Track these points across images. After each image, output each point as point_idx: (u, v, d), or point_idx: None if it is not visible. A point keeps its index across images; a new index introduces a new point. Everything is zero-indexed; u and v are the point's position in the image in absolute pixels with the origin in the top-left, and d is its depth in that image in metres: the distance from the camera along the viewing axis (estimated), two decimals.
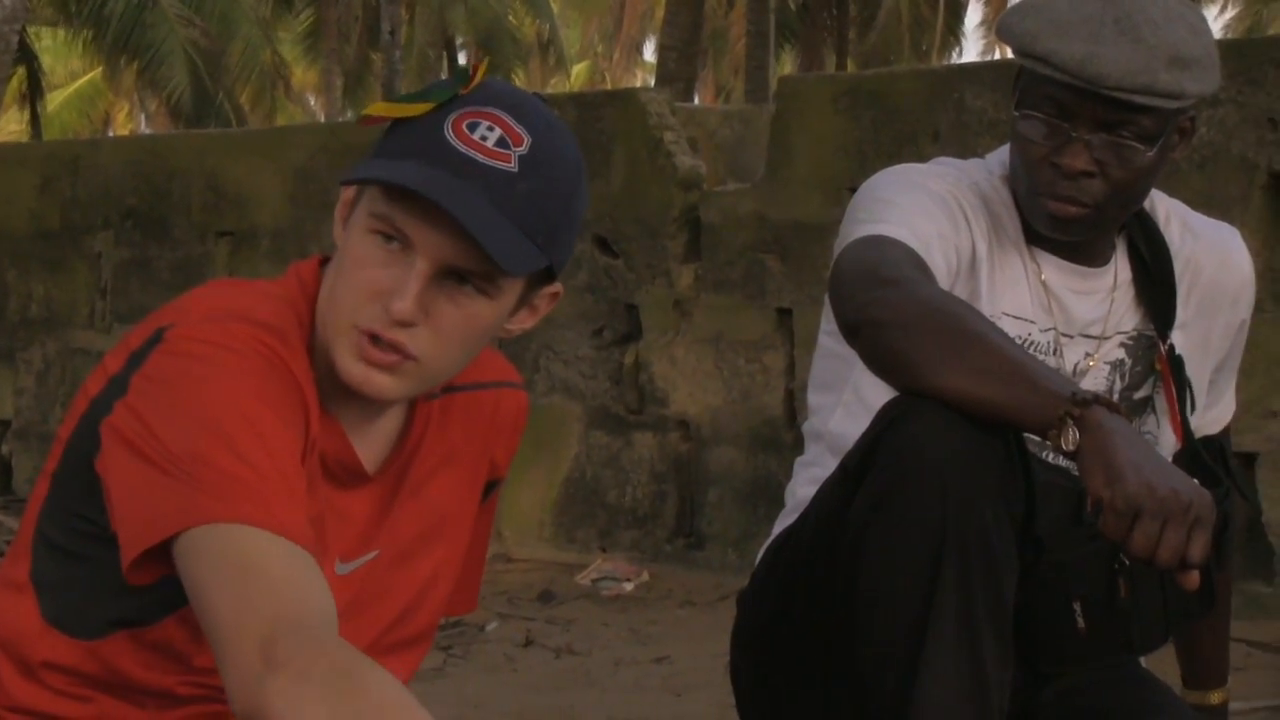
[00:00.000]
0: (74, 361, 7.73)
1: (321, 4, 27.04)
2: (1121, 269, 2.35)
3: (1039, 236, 2.30)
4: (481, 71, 1.69)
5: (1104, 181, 2.22)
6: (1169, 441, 2.36)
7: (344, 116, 24.55)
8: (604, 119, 6.29)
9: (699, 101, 26.04)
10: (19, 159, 8.43)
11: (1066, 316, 2.32)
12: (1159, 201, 2.40)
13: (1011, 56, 2.35)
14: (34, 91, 23.89)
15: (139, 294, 7.52)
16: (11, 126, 32.45)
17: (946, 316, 2.04)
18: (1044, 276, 2.31)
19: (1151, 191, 2.34)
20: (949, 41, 30.42)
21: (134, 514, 1.59)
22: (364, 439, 1.76)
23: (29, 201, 7.89)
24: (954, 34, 30.77)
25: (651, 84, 23.34)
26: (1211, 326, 2.41)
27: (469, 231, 1.61)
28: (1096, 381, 2.33)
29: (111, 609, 1.70)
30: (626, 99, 6.40)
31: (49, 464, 1.75)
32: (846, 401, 2.33)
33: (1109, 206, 2.24)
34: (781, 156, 5.96)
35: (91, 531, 1.69)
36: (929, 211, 2.24)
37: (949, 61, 27.98)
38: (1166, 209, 2.41)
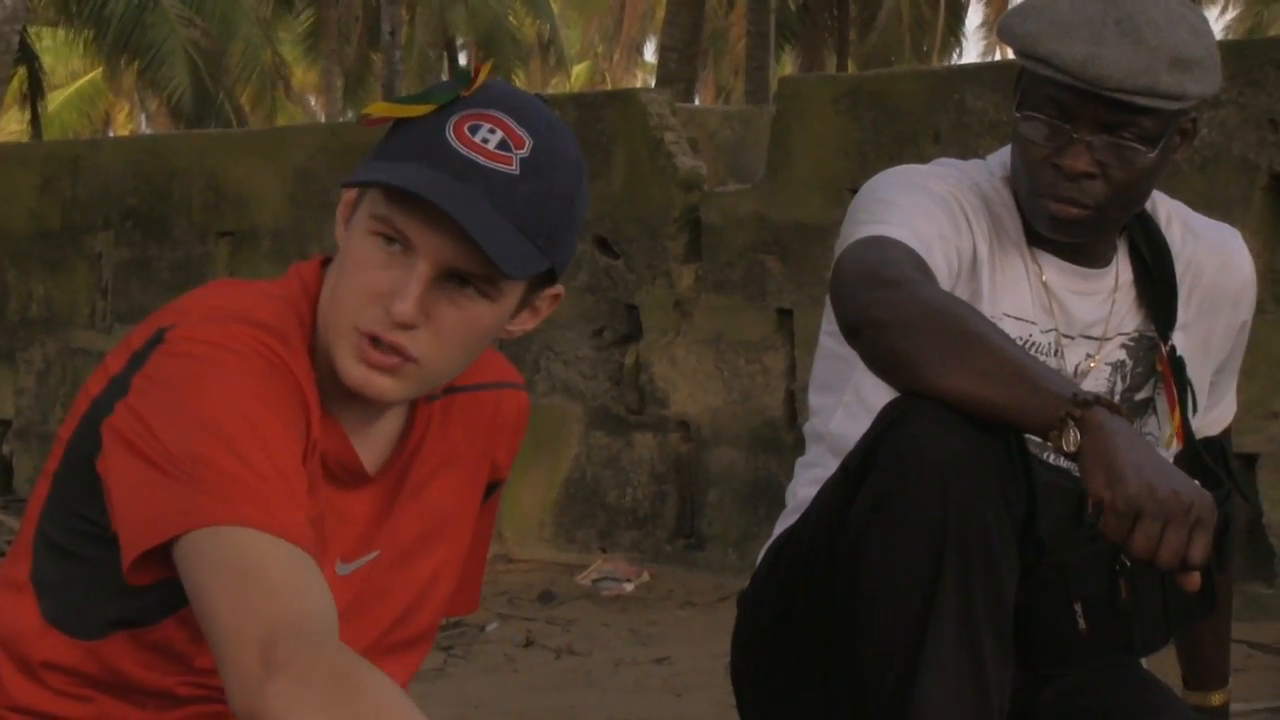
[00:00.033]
0: (74, 361, 7.73)
1: (322, 4, 27.02)
2: (1123, 270, 2.35)
3: (1040, 238, 2.30)
4: (484, 74, 1.69)
5: (1105, 183, 2.22)
6: (1170, 443, 2.36)
7: (344, 117, 24.55)
8: (604, 119, 6.29)
9: (699, 102, 26.02)
10: (19, 159, 8.42)
11: (1067, 318, 2.32)
12: (1160, 203, 2.40)
13: (1012, 57, 2.35)
14: (34, 91, 23.87)
15: (139, 294, 7.51)
16: (12, 126, 32.43)
17: (947, 317, 2.04)
18: (1045, 278, 2.31)
19: (1153, 193, 2.34)
20: (950, 42, 30.40)
21: (134, 515, 1.59)
22: (365, 440, 1.76)
23: (29, 201, 7.89)
24: (955, 35, 30.75)
25: (652, 84, 23.36)
26: (1212, 328, 2.41)
27: (470, 234, 1.61)
28: (1097, 383, 2.33)
29: (112, 609, 1.70)
30: (627, 99, 6.39)
31: (50, 464, 1.75)
32: (847, 402, 2.33)
33: (1110, 208, 2.24)
34: (782, 157, 5.95)
35: (92, 532, 1.69)
36: (930, 212, 2.23)
37: (950, 62, 27.95)
38: (1168, 210, 2.41)
